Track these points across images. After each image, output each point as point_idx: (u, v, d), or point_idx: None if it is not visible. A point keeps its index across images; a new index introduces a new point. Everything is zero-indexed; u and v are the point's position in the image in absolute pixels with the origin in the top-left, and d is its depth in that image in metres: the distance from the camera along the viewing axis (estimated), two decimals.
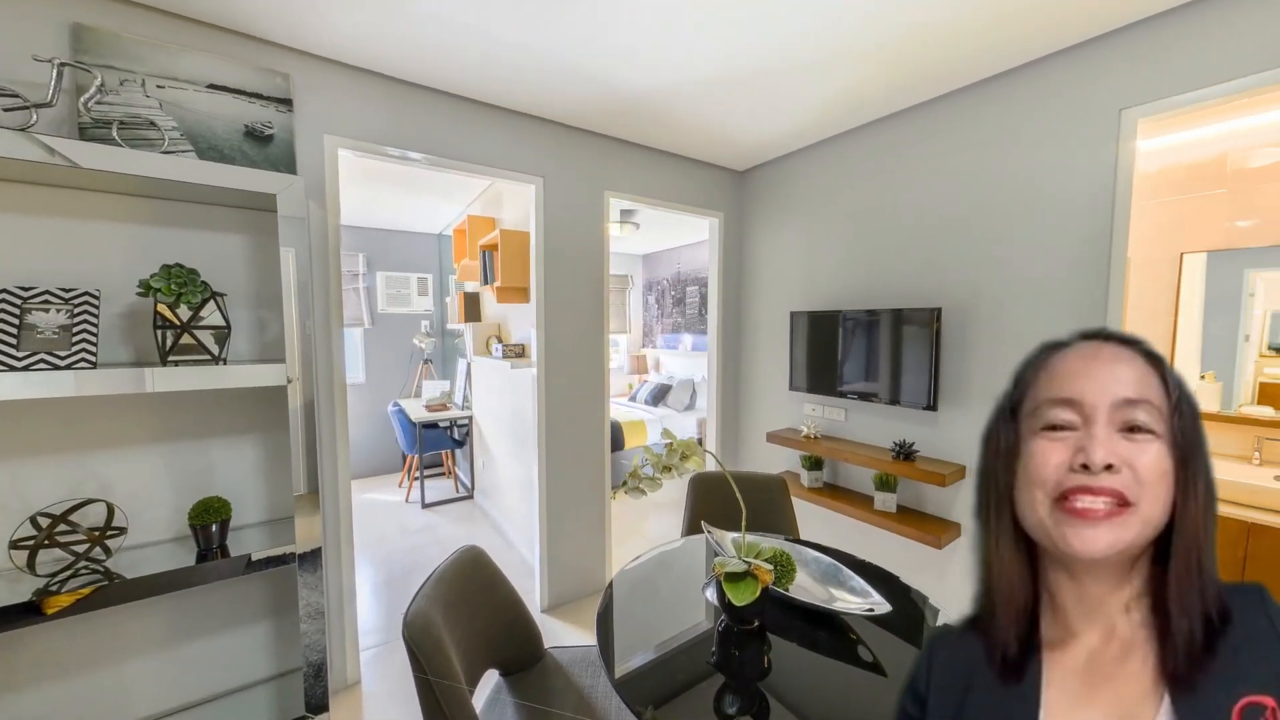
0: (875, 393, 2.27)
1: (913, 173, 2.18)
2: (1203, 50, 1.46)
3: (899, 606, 1.21)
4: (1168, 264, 2.46)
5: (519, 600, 1.37)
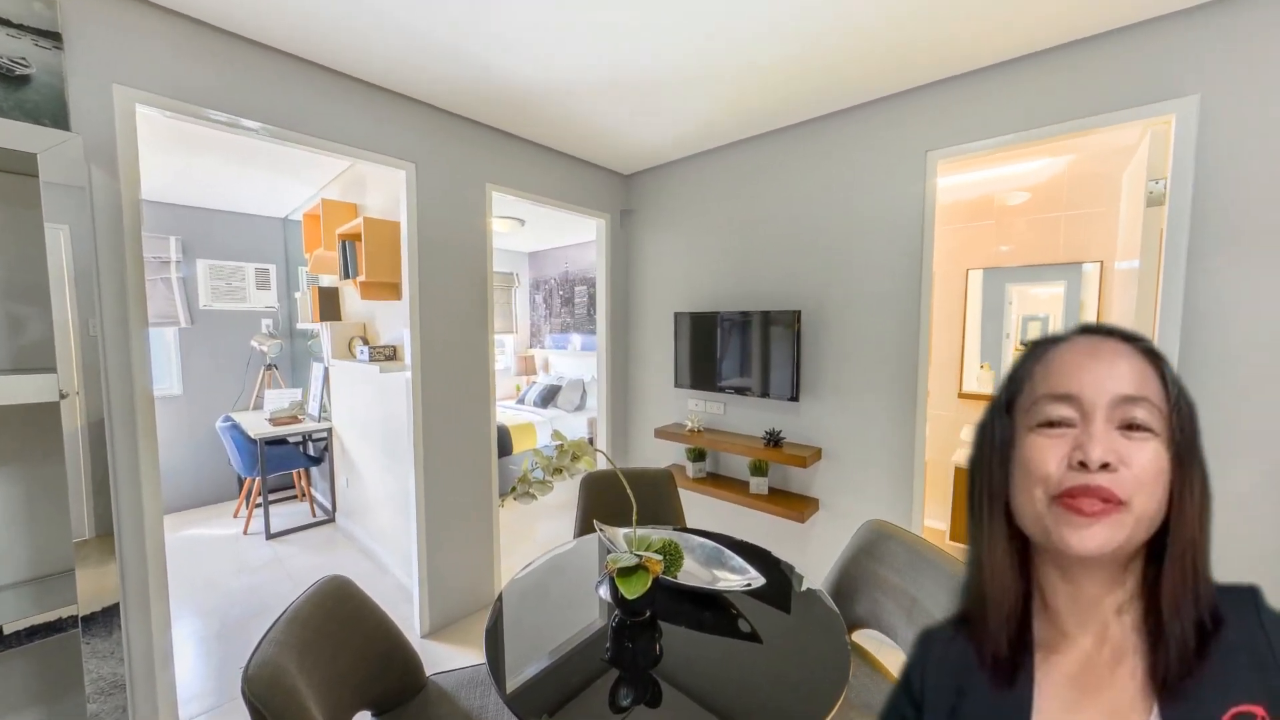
0: (749, 387, 2.50)
1: (777, 189, 2.44)
2: (982, 111, 1.86)
3: (772, 578, 1.35)
4: (958, 278, 3.10)
5: (394, 629, 1.24)
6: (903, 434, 2.10)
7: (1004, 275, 2.94)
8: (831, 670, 1.03)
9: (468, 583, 2.43)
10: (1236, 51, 1.43)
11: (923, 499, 2.09)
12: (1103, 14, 1.52)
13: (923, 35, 1.63)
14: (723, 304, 2.68)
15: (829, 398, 2.31)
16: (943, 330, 3.14)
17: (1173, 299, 1.54)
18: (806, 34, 1.62)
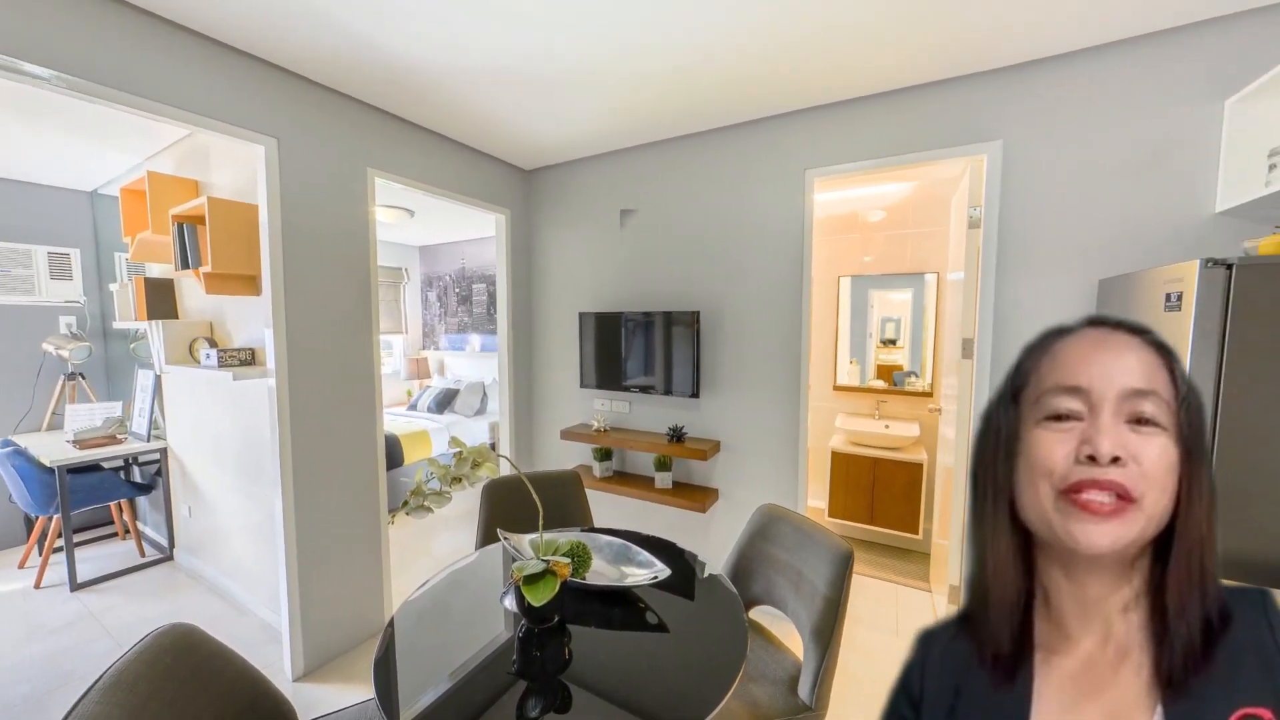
0: (653, 385, 2.57)
1: (677, 195, 2.55)
2: (850, 138, 2.11)
3: (677, 568, 1.41)
4: (832, 284, 3.50)
5: (258, 676, 1.07)
6: (789, 424, 2.31)
7: (867, 282, 3.38)
8: (732, 648, 1.10)
9: (352, 612, 2.18)
10: (1028, 107, 1.80)
11: (806, 481, 2.32)
12: (932, 67, 1.81)
13: (791, 65, 1.80)
14: (627, 304, 2.73)
15: (726, 393, 2.47)
16: (820, 330, 3.52)
17: (986, 303, 1.89)
18: (698, 47, 1.71)
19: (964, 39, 1.64)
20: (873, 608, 2.47)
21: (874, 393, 3.39)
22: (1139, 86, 1.64)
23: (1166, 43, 1.59)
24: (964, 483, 1.99)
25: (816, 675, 1.25)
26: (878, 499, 3.02)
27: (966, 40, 1.65)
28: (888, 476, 2.99)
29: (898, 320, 3.30)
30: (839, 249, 3.47)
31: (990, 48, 1.70)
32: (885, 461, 2.99)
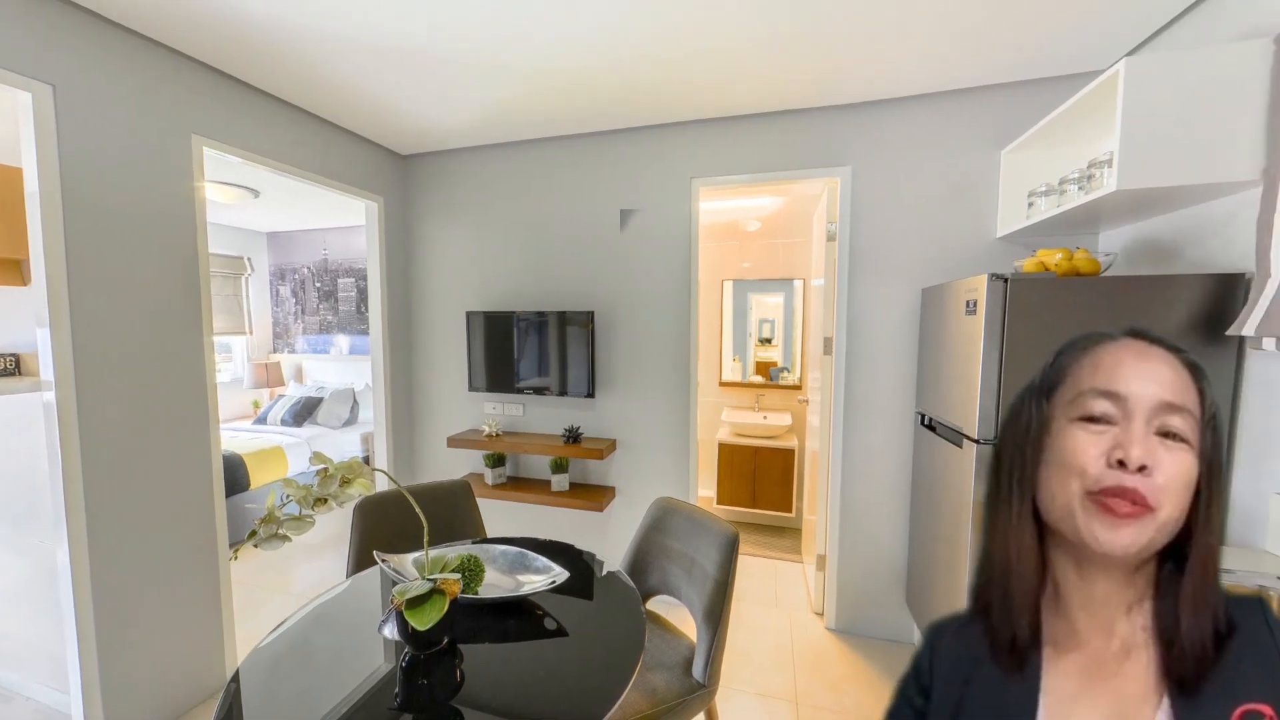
0: (548, 386, 2.52)
1: (572, 193, 2.52)
2: (731, 152, 2.28)
3: (575, 570, 1.40)
4: (716, 287, 3.75)
5: None
6: (680, 419, 2.43)
7: (747, 286, 3.69)
8: (630, 642, 1.12)
9: (179, 672, 1.80)
10: (872, 140, 2.11)
11: (696, 473, 2.46)
12: (799, 96, 2.04)
13: (682, 77, 1.90)
14: (519, 303, 2.64)
15: (621, 392, 2.51)
16: (707, 330, 3.76)
17: (842, 306, 2.18)
18: (591, 47, 1.71)
19: (824, 75, 1.87)
20: (755, 584, 2.70)
21: (754, 387, 3.71)
22: (948, 133, 2.02)
23: (965, 99, 1.98)
24: (832, 464, 2.27)
25: (709, 655, 1.33)
26: (759, 484, 3.31)
27: (826, 77, 1.88)
28: (766, 463, 3.29)
29: (773, 321, 3.66)
30: (722, 255, 3.73)
31: (844, 85, 1.96)
32: (764, 449, 3.29)
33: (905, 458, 2.15)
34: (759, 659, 2.10)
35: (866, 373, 2.18)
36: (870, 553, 2.23)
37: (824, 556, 2.32)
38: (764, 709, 1.83)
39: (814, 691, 1.91)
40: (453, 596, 1.01)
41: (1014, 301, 1.42)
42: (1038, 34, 1.61)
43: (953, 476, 1.65)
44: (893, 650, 2.15)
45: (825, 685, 1.94)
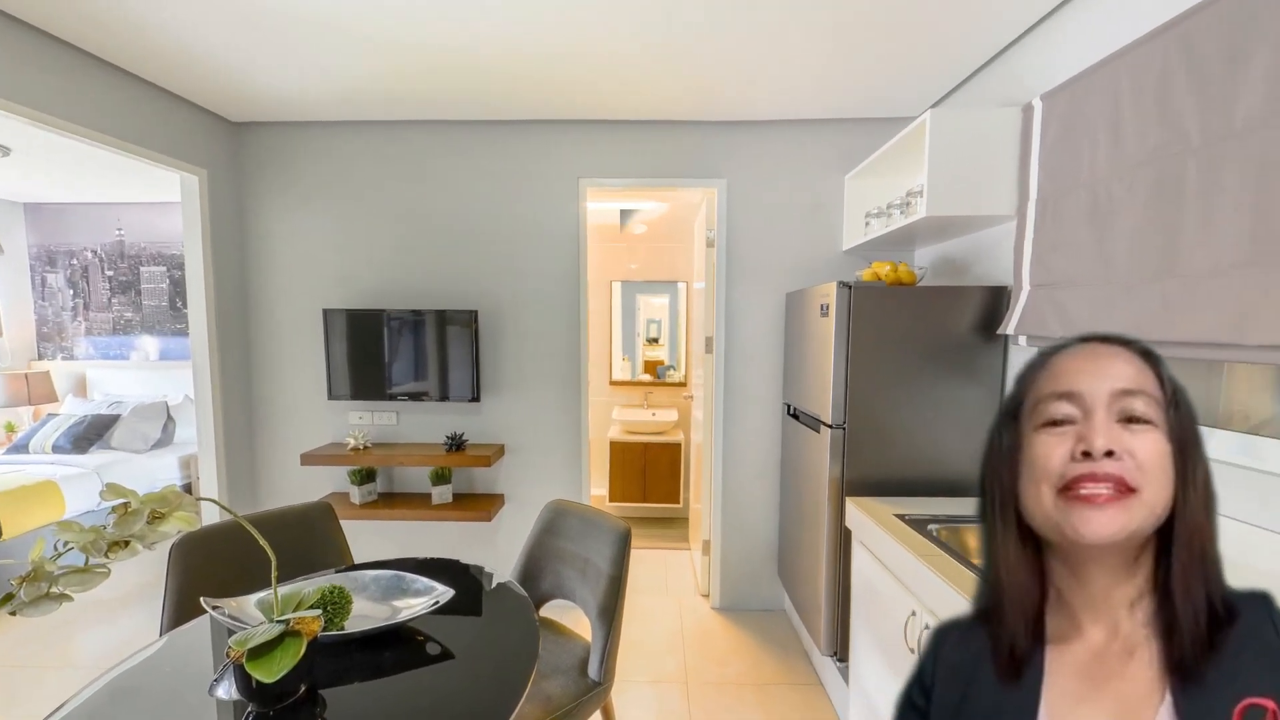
0: (426, 391, 2.32)
1: (453, 184, 2.34)
2: (618, 155, 2.31)
3: (462, 586, 1.31)
4: (605, 287, 3.79)
5: None
6: (572, 420, 2.41)
7: (634, 287, 3.80)
8: (523, 654, 1.08)
9: None
10: (744, 156, 2.30)
11: (589, 473, 2.46)
12: (681, 108, 2.15)
13: (565, 75, 1.89)
14: (391, 301, 2.38)
15: (509, 395, 2.41)
16: (597, 330, 3.78)
17: (720, 309, 2.35)
18: (464, 24, 1.61)
19: (703, 93, 2.00)
20: (647, 574, 2.80)
21: (643, 385, 3.83)
22: (805, 157, 2.29)
23: (819, 129, 2.27)
24: (714, 454, 2.43)
25: (604, 651, 1.34)
26: (649, 478, 3.43)
27: (704, 95, 2.01)
28: (655, 458, 3.42)
29: (659, 321, 3.81)
30: (610, 255, 3.78)
31: (721, 105, 2.11)
32: (654, 445, 3.42)
33: (775, 445, 2.40)
34: (652, 646, 2.17)
35: (742, 369, 2.38)
36: (748, 533, 2.44)
37: (709, 542, 2.48)
38: (657, 695, 1.90)
39: (702, 669, 2.04)
40: (311, 637, 0.88)
41: (856, 305, 1.67)
42: (871, 82, 1.91)
43: (813, 458, 1.88)
44: (768, 619, 2.38)
45: (712, 661, 2.08)
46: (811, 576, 1.88)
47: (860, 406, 1.70)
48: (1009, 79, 1.66)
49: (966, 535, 1.44)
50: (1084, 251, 1.32)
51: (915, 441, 1.71)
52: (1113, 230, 1.24)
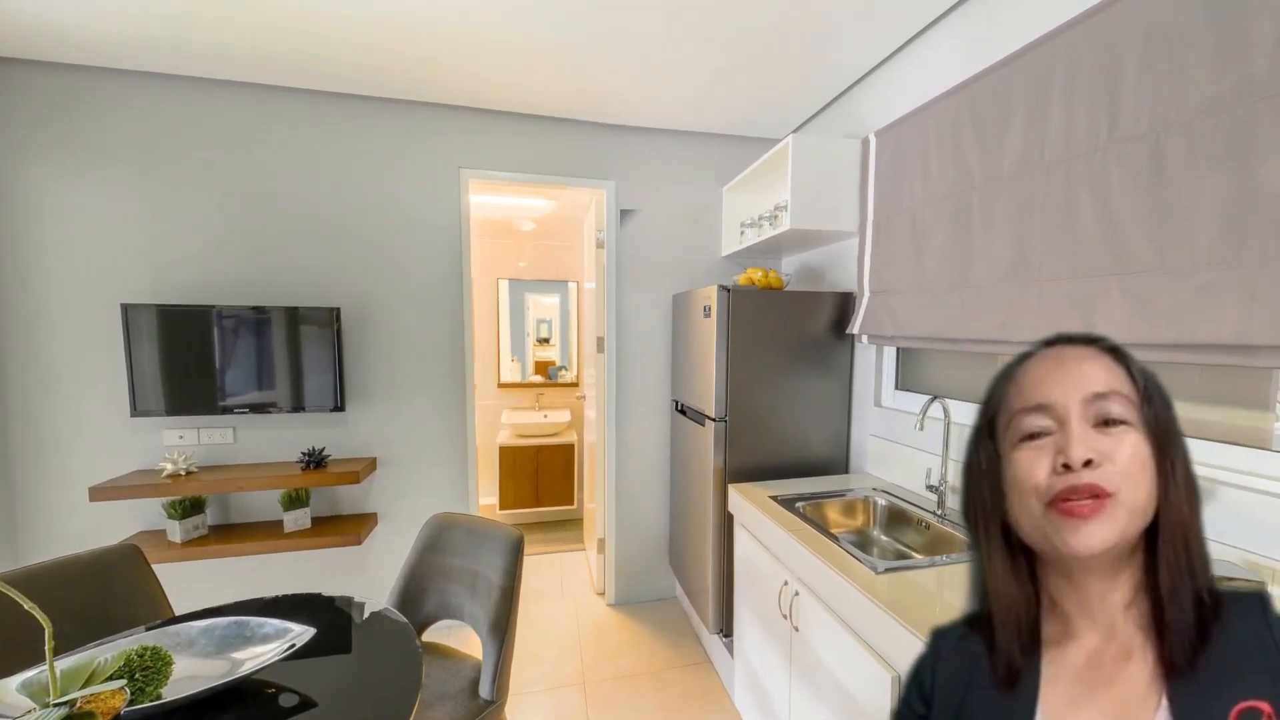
0: (273, 402, 1.98)
1: (307, 161, 2.03)
2: (503, 148, 2.21)
3: (325, 621, 1.14)
4: (492, 285, 3.61)
5: None
6: (456, 427, 2.25)
7: (523, 286, 3.67)
8: (404, 684, 0.99)
9: None
10: (631, 160, 2.36)
11: (476, 481, 2.33)
12: (569, 106, 2.13)
13: (435, 52, 1.76)
14: (224, 296, 1.99)
15: (381, 402, 2.17)
16: (483, 330, 3.58)
17: (611, 308, 2.39)
18: None
19: (588, 92, 2.00)
20: (542, 579, 2.73)
21: (534, 387, 3.72)
22: (689, 166, 2.42)
23: (701, 142, 2.41)
24: (608, 453, 2.46)
25: (496, 667, 1.28)
26: (541, 482, 3.35)
27: (590, 94, 2.01)
28: (549, 460, 3.35)
29: (550, 321, 3.74)
30: (497, 252, 3.61)
31: (608, 106, 2.13)
32: (546, 447, 3.34)
33: (665, 441, 2.50)
34: (548, 652, 2.13)
35: (633, 368, 2.44)
36: (641, 527, 2.51)
37: (604, 540, 2.51)
38: (554, 702, 1.86)
39: (598, 666, 2.05)
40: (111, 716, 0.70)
41: (735, 307, 1.81)
42: (744, 104, 2.08)
43: (699, 451, 2.00)
44: (661, 607, 2.48)
45: (608, 657, 2.11)
46: (699, 561, 2.00)
47: (739, 400, 1.85)
48: (854, 114, 1.93)
49: (826, 509, 1.65)
50: (906, 265, 1.60)
51: (785, 429, 1.91)
52: (926, 248, 1.52)
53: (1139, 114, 0.99)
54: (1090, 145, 1.07)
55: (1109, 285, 1.04)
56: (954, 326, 1.41)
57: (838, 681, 1.14)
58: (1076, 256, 1.10)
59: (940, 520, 1.42)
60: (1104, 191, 1.05)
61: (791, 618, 1.33)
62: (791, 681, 1.36)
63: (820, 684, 1.22)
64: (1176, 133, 0.93)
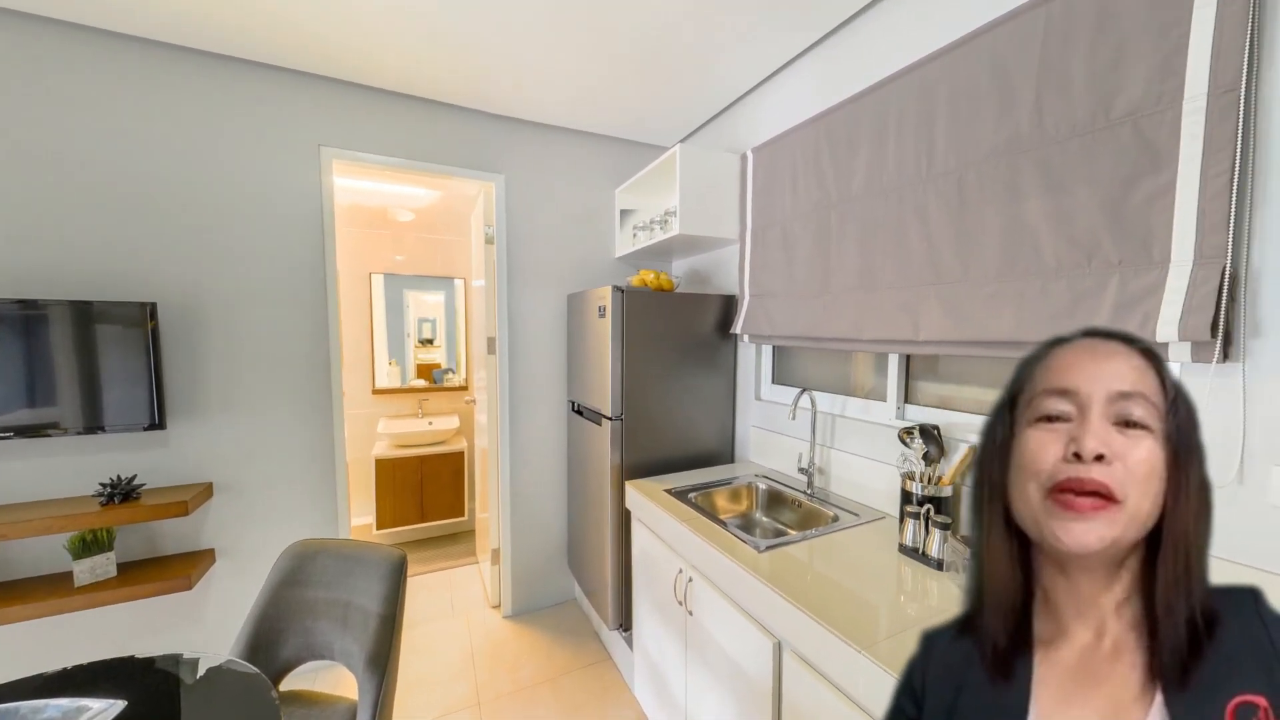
0: (54, 422, 1.55)
1: (114, 119, 1.61)
2: (372, 127, 1.98)
3: (140, 690, 0.93)
4: (363, 279, 3.24)
5: None
6: (321, 440, 1.98)
7: (401, 281, 3.35)
8: None
9: None
10: (523, 155, 2.27)
11: (348, 501, 2.07)
12: (452, 90, 1.99)
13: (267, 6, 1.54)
14: None
15: (219, 416, 1.82)
16: (353, 330, 3.19)
17: (502, 308, 2.29)
18: None
19: (473, 76, 1.89)
20: (429, 600, 2.52)
21: (416, 392, 3.42)
22: (583, 166, 2.41)
23: (595, 143, 2.41)
24: (501, 458, 2.35)
25: (376, 705, 1.15)
26: (427, 495, 3.09)
27: (476, 79, 1.90)
28: (435, 471, 3.10)
29: (433, 321, 3.46)
30: (370, 244, 3.25)
31: (496, 95, 2.03)
32: (431, 457, 3.09)
33: (562, 441, 2.47)
34: (439, 677, 1.97)
35: (527, 369, 2.37)
36: (539, 532, 2.45)
37: (498, 550, 2.39)
38: None
39: (494, 682, 1.95)
40: None
41: (629, 307, 1.85)
42: (635, 109, 2.13)
43: (596, 450, 2.01)
44: (560, 611, 2.44)
45: (504, 671, 2.02)
46: (598, 559, 2.01)
47: (634, 399, 1.89)
48: (735, 130, 2.09)
49: (716, 497, 1.77)
50: (779, 271, 1.77)
51: (677, 425, 2.00)
52: (795, 258, 1.70)
53: (948, 154, 1.21)
54: (915, 177, 1.29)
55: (929, 294, 1.26)
56: (818, 327, 1.60)
57: (728, 656, 1.23)
58: (907, 269, 1.32)
59: (810, 498, 1.60)
60: (925, 216, 1.27)
61: (686, 603, 1.40)
62: (688, 664, 1.43)
63: (712, 661, 1.30)
64: (972, 172, 1.16)
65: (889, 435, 1.45)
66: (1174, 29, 0.86)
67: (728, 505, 1.79)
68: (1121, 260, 0.93)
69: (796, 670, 1.01)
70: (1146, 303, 0.88)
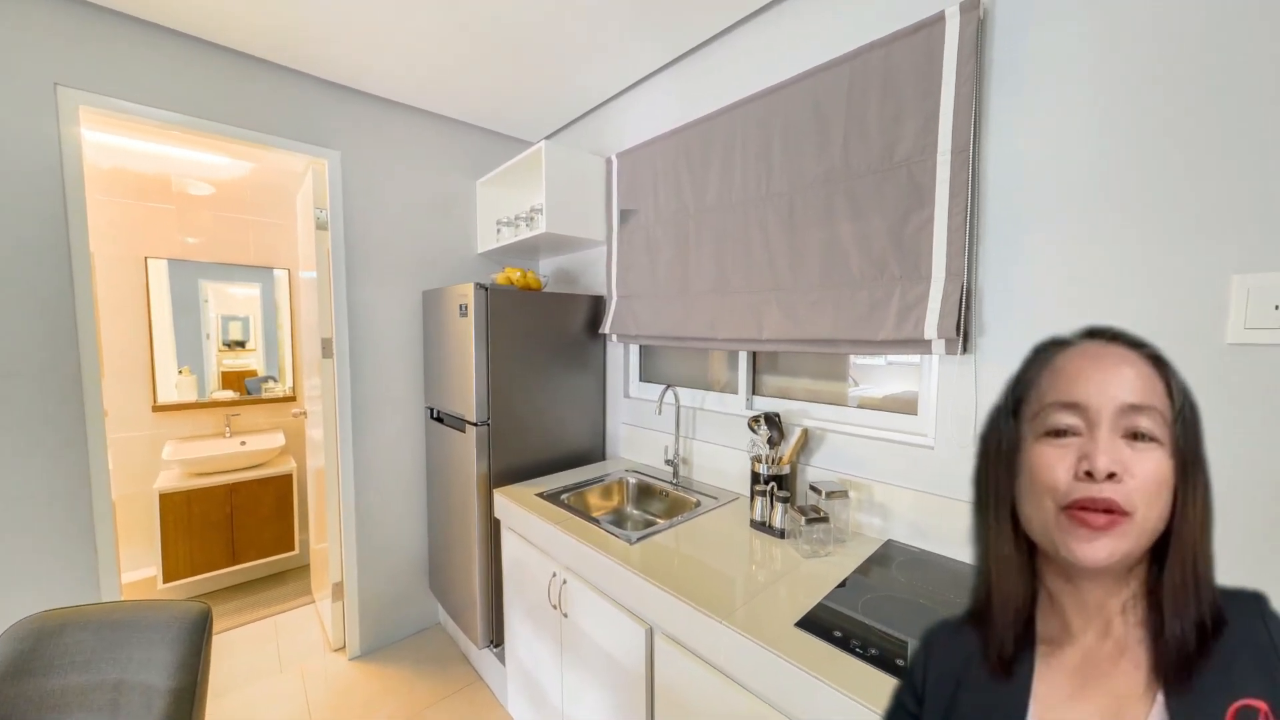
0: None
1: None
2: (136, 70, 1.55)
3: None
4: (134, 264, 2.53)
5: None
6: (69, 474, 1.49)
7: (196, 270, 2.69)
8: None
9: None
10: (365, 130, 2.00)
11: (114, 550, 1.60)
12: (259, 41, 1.66)
13: None
14: None
15: None
16: (121, 331, 2.48)
17: (340, 304, 1.99)
18: None
19: (295, 31, 1.60)
20: (248, 656, 2.08)
21: (222, 406, 2.78)
22: (437, 151, 2.21)
23: (452, 128, 2.23)
24: (343, 477, 2.03)
25: None
26: (240, 530, 2.55)
27: (298, 34, 1.62)
28: (251, 500, 2.57)
29: (245, 319, 2.85)
30: (139, 220, 2.54)
31: (329, 59, 1.75)
32: (246, 484, 2.55)
33: (418, 453, 2.24)
34: None
35: (374, 374, 2.10)
36: (393, 555, 2.19)
37: (340, 584, 2.08)
38: None
39: None
40: None
41: (493, 306, 1.76)
42: (497, 98, 2.02)
43: (460, 458, 1.87)
44: (421, 640, 2.22)
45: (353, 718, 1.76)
46: (465, 575, 1.88)
47: (501, 402, 1.80)
48: (601, 133, 2.12)
49: (588, 496, 1.78)
50: (643, 273, 1.86)
51: (547, 426, 1.96)
52: (658, 261, 1.80)
53: (782, 178, 1.40)
54: (758, 194, 1.46)
55: (771, 298, 1.44)
56: (680, 327, 1.71)
57: (603, 651, 1.25)
58: (752, 275, 1.49)
59: (676, 487, 1.71)
60: (766, 230, 1.44)
61: (561, 606, 1.38)
62: (563, 667, 1.41)
63: (588, 658, 1.31)
64: (800, 196, 1.36)
65: (740, 424, 1.62)
66: (929, 97, 1.11)
67: (600, 502, 1.81)
68: (902, 275, 1.17)
69: (667, 651, 1.07)
70: (918, 309, 1.13)
